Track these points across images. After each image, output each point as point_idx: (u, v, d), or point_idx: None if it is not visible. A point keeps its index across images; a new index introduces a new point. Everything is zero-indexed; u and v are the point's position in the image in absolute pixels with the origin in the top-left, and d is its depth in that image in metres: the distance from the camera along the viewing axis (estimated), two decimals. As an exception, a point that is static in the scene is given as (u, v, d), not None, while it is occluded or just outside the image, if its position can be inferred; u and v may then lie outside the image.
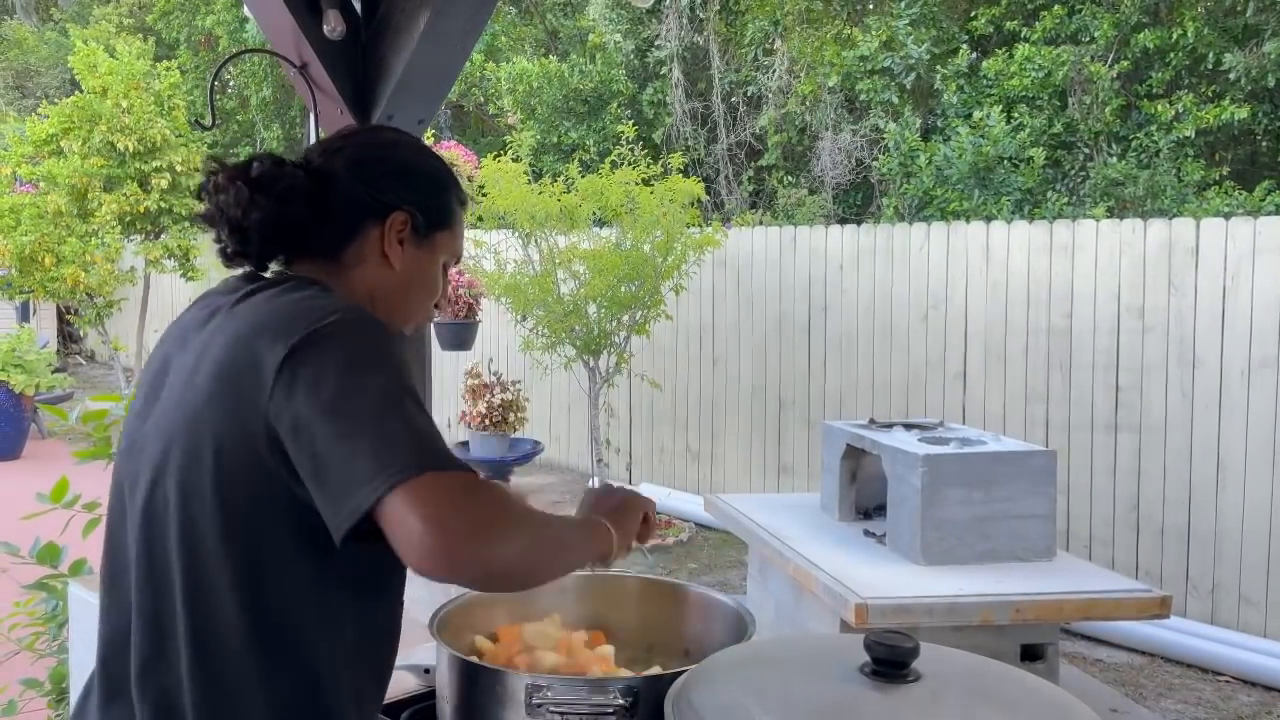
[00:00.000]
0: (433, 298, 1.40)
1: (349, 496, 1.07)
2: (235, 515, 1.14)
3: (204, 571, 1.15)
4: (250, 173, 1.27)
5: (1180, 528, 4.86)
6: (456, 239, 1.40)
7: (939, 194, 7.76)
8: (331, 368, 1.12)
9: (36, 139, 9.35)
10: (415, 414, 1.12)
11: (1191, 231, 4.88)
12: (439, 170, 1.39)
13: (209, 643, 1.15)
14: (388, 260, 1.31)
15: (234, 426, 1.14)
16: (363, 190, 1.30)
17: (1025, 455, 2.66)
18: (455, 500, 1.08)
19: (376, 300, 1.32)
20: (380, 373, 1.13)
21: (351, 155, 1.33)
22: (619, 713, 1.19)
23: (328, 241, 1.31)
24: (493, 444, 5.70)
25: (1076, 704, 0.99)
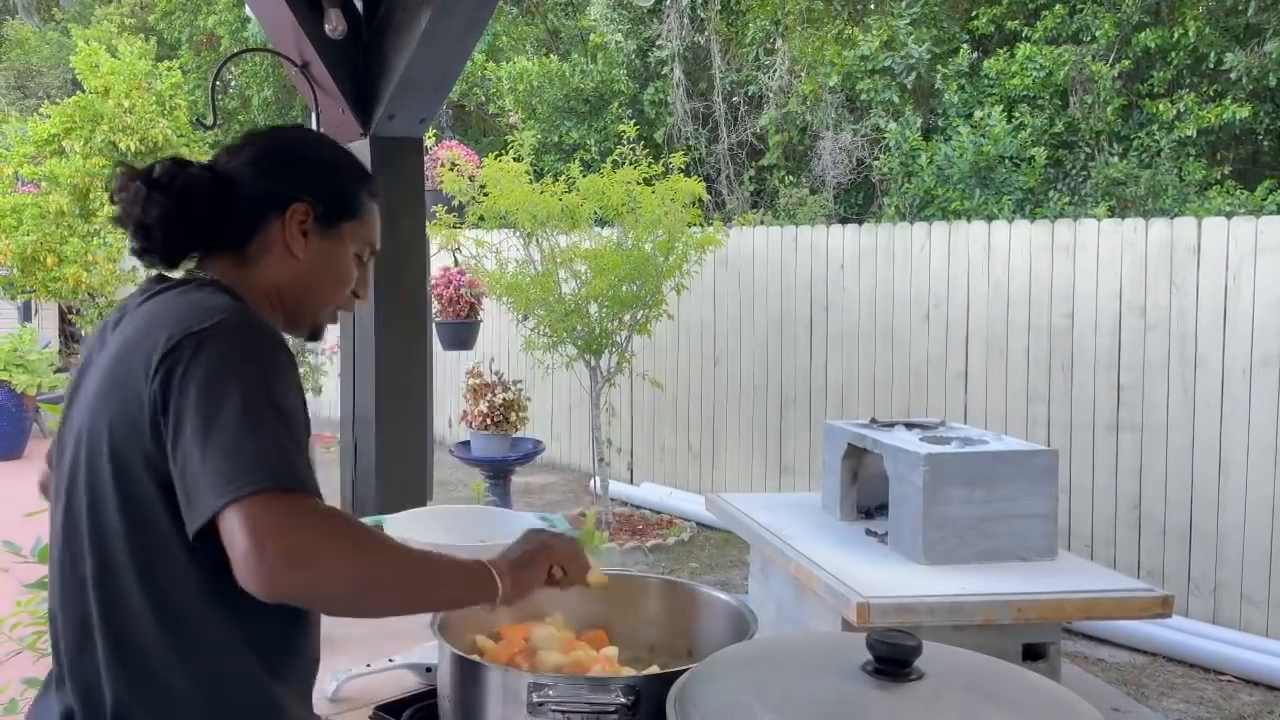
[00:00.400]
0: (344, 288, 1.42)
1: (197, 501, 1.13)
2: (132, 507, 1.21)
3: (112, 564, 1.22)
4: (151, 173, 1.33)
5: (1182, 527, 4.86)
6: (367, 229, 1.43)
7: (940, 193, 7.76)
8: (201, 371, 1.16)
9: (38, 139, 9.35)
10: (274, 427, 1.16)
11: (1193, 231, 4.88)
12: (341, 162, 1.43)
13: (121, 633, 1.21)
14: (290, 251, 1.35)
15: (124, 423, 1.20)
16: (262, 184, 1.35)
17: (1027, 454, 2.66)
18: (284, 525, 1.11)
19: (284, 292, 1.37)
20: (247, 381, 1.17)
21: (252, 152, 1.39)
22: (621, 712, 1.19)
23: (232, 237, 1.35)
24: (494, 443, 5.70)
25: (1080, 703, 0.99)
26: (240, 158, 1.38)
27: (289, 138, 1.45)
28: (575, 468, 8.03)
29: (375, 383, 2.63)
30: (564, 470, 8.09)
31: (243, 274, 1.35)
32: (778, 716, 0.97)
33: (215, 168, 1.37)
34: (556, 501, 7.28)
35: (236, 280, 1.34)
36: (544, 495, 7.45)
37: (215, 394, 1.15)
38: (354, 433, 2.70)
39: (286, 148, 1.41)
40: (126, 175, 1.35)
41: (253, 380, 1.17)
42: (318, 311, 1.42)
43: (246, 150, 1.39)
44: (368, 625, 1.87)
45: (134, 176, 1.34)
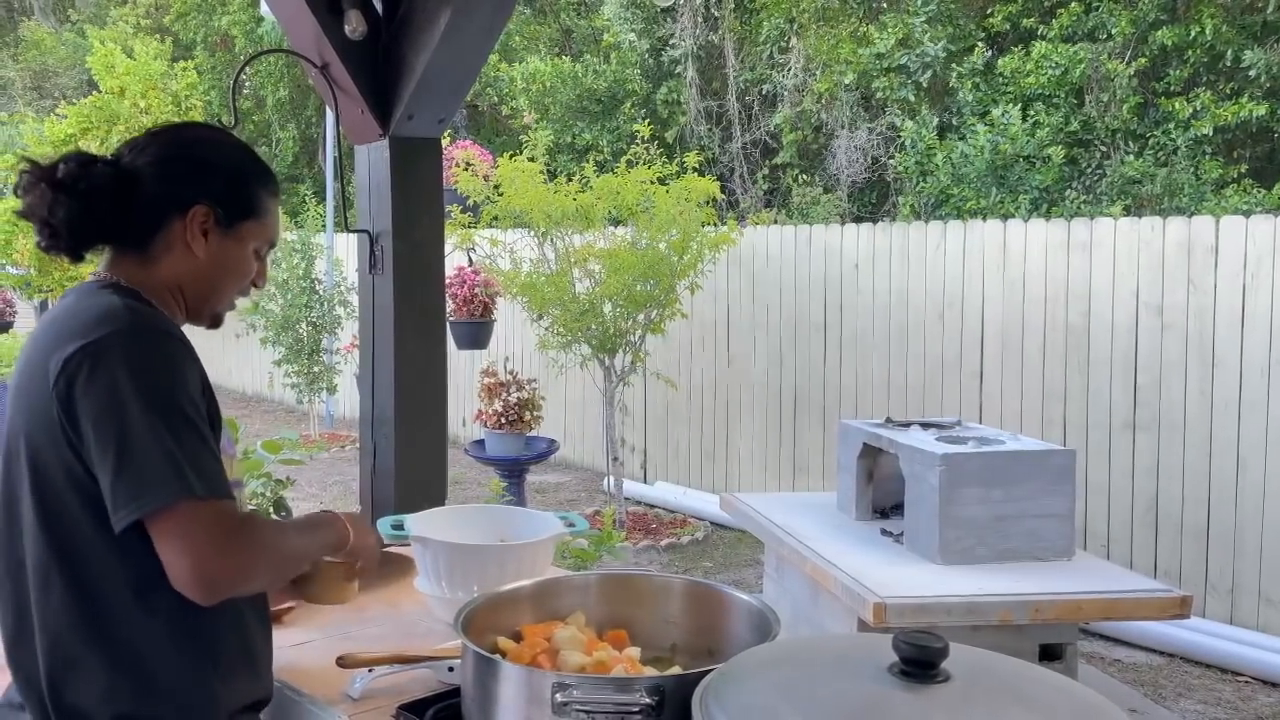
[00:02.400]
0: (242, 281, 1.50)
1: (118, 506, 1.22)
2: (50, 506, 1.28)
3: (39, 558, 1.29)
4: (56, 174, 1.37)
5: (1200, 527, 4.84)
6: (267, 227, 1.49)
7: (956, 192, 7.74)
8: (99, 385, 1.23)
9: (55, 139, 9.40)
10: (175, 435, 1.24)
11: (1210, 229, 4.85)
12: (241, 163, 1.48)
13: (52, 623, 1.29)
14: (191, 251, 1.41)
15: (37, 427, 1.28)
16: (164, 185, 1.40)
17: (1044, 454, 2.66)
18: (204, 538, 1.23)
19: (185, 288, 1.44)
20: (144, 393, 1.23)
21: (154, 153, 1.42)
22: (646, 712, 1.19)
23: (135, 236, 1.40)
24: (508, 442, 5.71)
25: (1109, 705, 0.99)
26: (144, 157, 1.42)
27: (193, 139, 1.50)
28: (589, 467, 8.04)
29: (394, 382, 2.64)
30: (578, 469, 8.10)
31: (146, 271, 1.40)
32: (804, 717, 0.97)
33: (119, 164, 1.41)
34: (571, 500, 7.30)
35: (139, 277, 1.40)
36: (558, 494, 7.46)
37: (116, 408, 1.22)
38: (373, 432, 2.71)
39: (189, 150, 1.45)
40: (32, 176, 1.39)
41: (149, 390, 1.24)
42: (217, 304, 1.49)
43: (150, 149, 1.42)
44: (390, 625, 1.88)
45: (39, 178, 1.38)
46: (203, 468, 1.25)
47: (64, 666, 1.29)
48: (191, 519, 1.23)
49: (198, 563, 1.22)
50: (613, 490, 6.51)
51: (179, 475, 1.22)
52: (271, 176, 1.52)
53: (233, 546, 1.25)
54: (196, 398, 1.29)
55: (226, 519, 1.26)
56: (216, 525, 1.24)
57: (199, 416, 1.28)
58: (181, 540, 1.22)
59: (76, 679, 1.28)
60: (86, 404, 1.23)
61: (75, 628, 1.28)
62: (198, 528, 1.23)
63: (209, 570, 1.23)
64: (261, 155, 1.48)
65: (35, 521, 1.29)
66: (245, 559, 1.27)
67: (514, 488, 5.72)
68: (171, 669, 1.31)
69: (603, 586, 1.61)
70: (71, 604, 1.28)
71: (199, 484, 1.23)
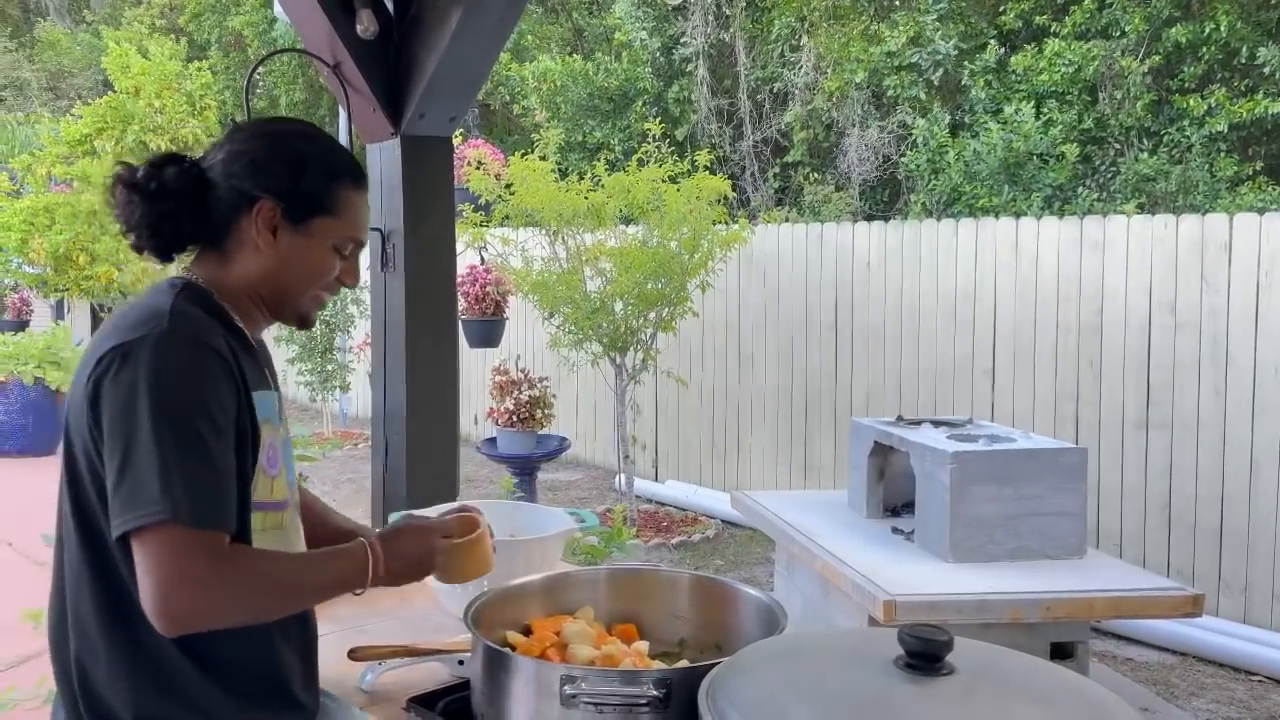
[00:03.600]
0: (322, 280, 1.44)
1: (114, 515, 1.21)
2: (80, 505, 1.29)
3: (74, 557, 1.30)
4: (135, 176, 1.37)
5: (1213, 526, 4.82)
6: (344, 224, 1.43)
7: (968, 190, 7.71)
8: (121, 389, 1.22)
9: (70, 139, 9.47)
10: (184, 449, 1.20)
11: (1224, 227, 4.83)
12: (312, 158, 1.41)
13: (84, 621, 1.29)
14: (260, 249, 1.38)
15: (75, 425, 1.28)
16: (231, 183, 1.38)
17: (1055, 452, 2.65)
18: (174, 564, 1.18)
19: (258, 287, 1.41)
20: (161, 404, 1.21)
21: (227, 150, 1.41)
22: (653, 704, 1.20)
23: (210, 234, 1.39)
24: (520, 440, 5.73)
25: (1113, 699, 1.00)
26: (218, 155, 1.41)
27: (262, 134, 1.45)
28: (600, 465, 8.05)
29: (406, 379, 2.65)
30: (589, 467, 8.12)
31: (223, 270, 1.39)
32: (810, 710, 0.98)
33: (198, 164, 1.40)
34: (582, 498, 7.31)
35: (217, 276, 1.39)
36: (569, 492, 7.48)
37: (129, 414, 1.21)
38: (384, 429, 2.73)
39: (256, 145, 1.41)
40: (116, 178, 1.39)
41: (165, 399, 1.21)
42: (297, 302, 1.45)
43: (224, 146, 1.42)
44: (401, 618, 1.90)
45: (121, 180, 1.38)
46: (198, 490, 1.20)
47: (91, 662, 1.29)
48: (167, 546, 1.18)
49: (161, 593, 1.18)
50: (624, 488, 6.52)
51: (167, 495, 1.17)
52: (352, 172, 1.45)
53: (205, 583, 1.19)
54: (219, 415, 1.25)
55: (205, 552, 1.20)
56: (191, 557, 1.19)
57: (212, 433, 1.23)
58: (152, 566, 1.18)
59: (102, 676, 1.28)
60: (106, 405, 1.23)
61: (102, 626, 1.28)
62: (171, 556, 1.18)
63: (171, 604, 1.18)
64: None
65: (71, 517, 1.30)
66: (216, 597, 1.21)
67: (525, 485, 5.74)
68: (191, 679, 1.29)
69: (612, 581, 1.62)
70: (99, 602, 1.28)
71: (187, 508, 1.18)
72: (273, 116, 1.67)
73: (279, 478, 1.40)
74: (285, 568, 1.33)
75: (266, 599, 1.29)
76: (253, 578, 1.26)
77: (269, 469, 1.37)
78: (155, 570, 1.18)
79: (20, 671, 3.26)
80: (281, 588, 1.30)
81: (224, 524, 1.23)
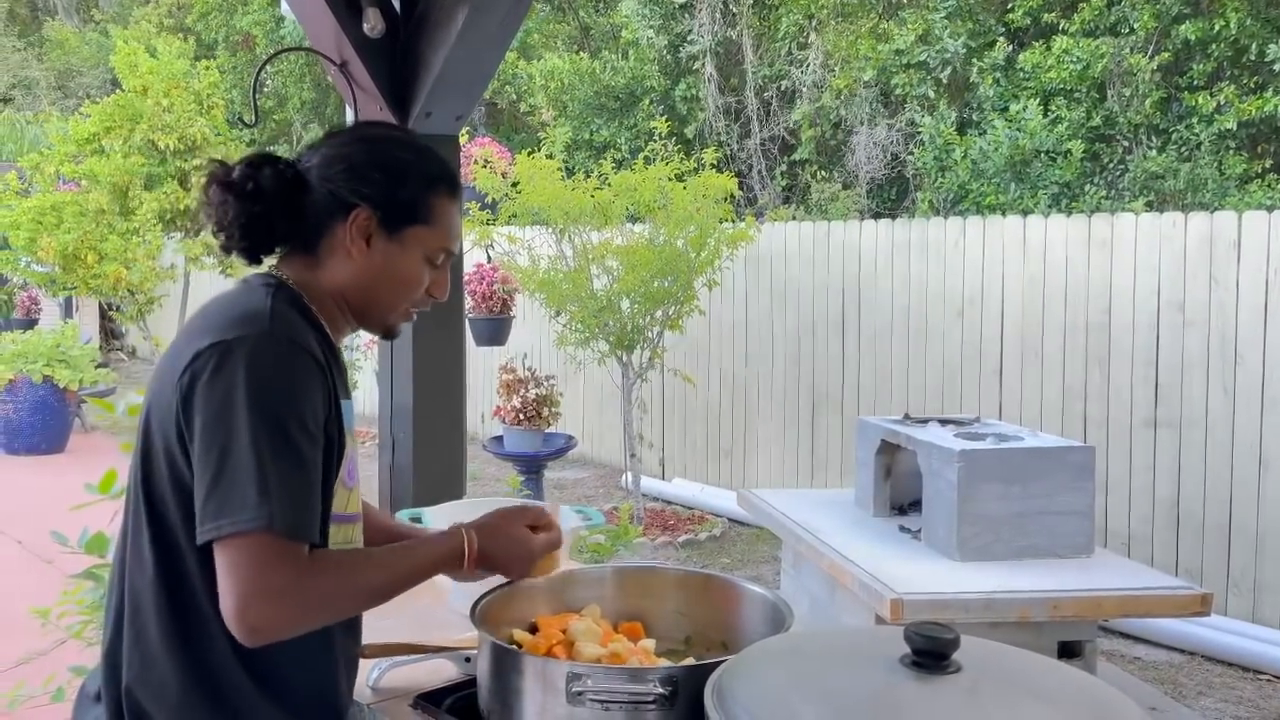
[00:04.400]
0: (412, 291, 1.42)
1: (204, 519, 1.18)
2: (153, 503, 1.26)
3: (139, 556, 1.27)
4: (230, 175, 1.36)
5: (1222, 525, 4.80)
6: (438, 234, 1.41)
7: (975, 188, 7.70)
8: (219, 389, 1.20)
9: (79, 138, 9.50)
10: (278, 462, 1.18)
11: (1233, 225, 4.81)
12: (408, 166, 1.39)
13: (140, 621, 1.27)
14: (353, 256, 1.36)
15: (159, 419, 1.26)
16: (327, 188, 1.36)
17: (1063, 451, 2.65)
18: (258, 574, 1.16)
19: (348, 294, 1.39)
20: (260, 408, 1.19)
21: (324, 154, 1.39)
22: (659, 702, 1.20)
23: (303, 238, 1.37)
24: (527, 439, 5.74)
25: (1119, 697, 0.99)
26: (314, 158, 1.39)
27: (360, 139, 1.42)
28: (607, 463, 8.06)
29: (412, 377, 2.66)
30: (596, 465, 8.12)
31: (313, 274, 1.37)
32: (815, 707, 0.98)
33: (296, 166, 1.38)
34: (589, 496, 7.31)
35: (305, 279, 1.36)
36: (576, 490, 7.48)
37: (227, 417, 1.18)
38: (391, 427, 2.73)
39: (354, 151, 1.39)
40: (210, 177, 1.38)
41: (266, 407, 1.19)
42: (386, 313, 1.42)
43: (321, 150, 1.39)
44: (408, 616, 1.90)
45: (215, 178, 1.37)
46: (294, 500, 1.18)
47: (143, 666, 1.26)
48: (255, 555, 1.16)
49: (243, 604, 1.16)
50: (630, 486, 6.52)
51: (264, 503, 1.15)
52: (447, 180, 1.42)
53: (287, 596, 1.18)
54: (312, 422, 1.23)
55: (290, 564, 1.18)
56: (278, 569, 1.17)
57: (308, 441, 1.22)
58: (238, 574, 1.17)
59: (153, 681, 1.25)
60: (201, 404, 1.20)
61: (160, 632, 1.25)
62: (258, 567, 1.16)
63: (250, 615, 1.17)
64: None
65: (141, 514, 1.27)
66: (296, 610, 1.20)
67: (532, 483, 5.75)
68: (242, 694, 1.27)
69: (618, 579, 1.62)
70: (159, 605, 1.25)
71: (282, 518, 1.16)
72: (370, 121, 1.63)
73: (354, 490, 1.39)
74: (369, 569, 1.31)
75: (346, 603, 1.30)
76: (336, 583, 1.25)
77: (348, 480, 1.35)
78: (240, 579, 1.16)
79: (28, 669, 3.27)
80: (367, 590, 1.30)
81: (311, 535, 1.22)
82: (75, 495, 2.78)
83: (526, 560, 1.41)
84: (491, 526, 1.40)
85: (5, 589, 5.05)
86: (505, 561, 1.40)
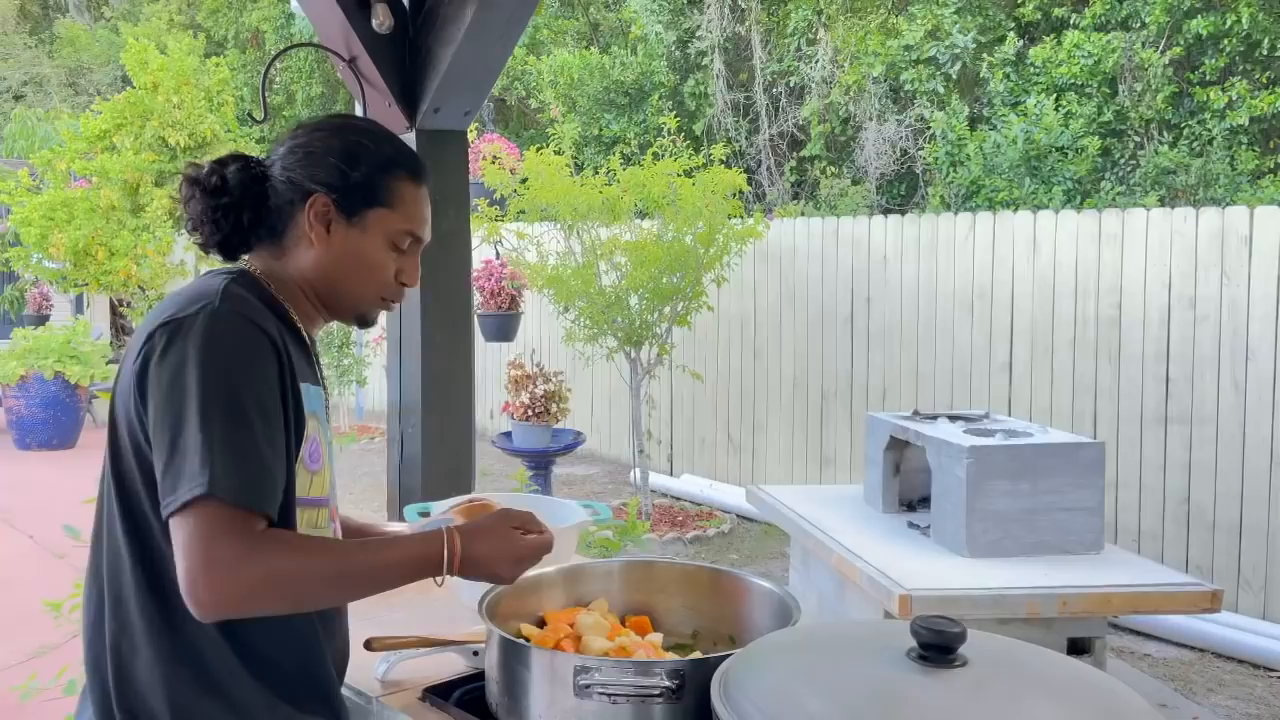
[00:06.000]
0: (378, 276, 1.41)
1: (164, 494, 1.18)
2: (125, 487, 1.28)
3: (116, 543, 1.28)
4: (198, 173, 1.38)
5: (1233, 522, 4.78)
6: (401, 217, 1.40)
7: (988, 183, 7.67)
8: (169, 365, 1.21)
9: (90, 135, 9.54)
10: (230, 427, 1.18)
11: (1245, 220, 4.78)
12: (360, 149, 1.39)
13: (122, 609, 1.27)
14: (313, 243, 1.38)
15: (122, 405, 1.28)
16: (285, 177, 1.38)
17: (1073, 447, 2.64)
18: (206, 543, 1.14)
19: (314, 282, 1.40)
20: (208, 381, 1.19)
21: (287, 146, 1.41)
22: (666, 695, 1.20)
23: (269, 229, 1.39)
24: (535, 434, 5.74)
25: (1126, 691, 0.99)
26: (277, 151, 1.41)
27: (319, 128, 1.43)
28: (615, 459, 8.06)
29: (421, 372, 2.66)
30: (604, 461, 8.13)
31: (280, 264, 1.39)
32: (822, 701, 0.97)
33: (262, 162, 1.41)
34: (597, 492, 7.32)
35: (273, 269, 1.39)
36: (584, 486, 7.49)
37: (177, 391, 1.19)
38: (400, 423, 2.73)
39: (310, 139, 1.40)
40: (183, 178, 1.40)
41: (213, 377, 1.19)
42: (355, 300, 1.42)
43: (284, 143, 1.42)
44: (416, 609, 1.90)
45: (186, 177, 1.40)
46: (238, 467, 1.17)
47: (129, 650, 1.27)
48: (200, 524, 1.14)
49: (191, 576, 1.14)
50: (639, 482, 6.52)
51: (205, 469, 1.14)
52: (406, 163, 1.41)
53: (233, 566, 1.14)
54: (268, 397, 1.23)
55: (238, 533, 1.15)
56: (223, 538, 1.14)
57: (261, 416, 1.21)
58: (185, 545, 1.14)
59: (140, 664, 1.26)
60: (154, 383, 1.21)
61: (142, 612, 1.26)
62: (203, 536, 1.14)
63: (200, 587, 1.14)
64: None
65: (114, 503, 1.29)
66: (245, 581, 1.15)
67: (540, 479, 5.75)
68: (227, 671, 1.27)
69: (626, 573, 1.62)
70: (140, 588, 1.26)
71: (224, 483, 1.14)
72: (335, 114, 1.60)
73: (320, 474, 1.37)
74: (330, 554, 1.25)
75: (302, 588, 1.21)
76: (289, 562, 1.19)
77: (310, 463, 1.34)
78: (187, 550, 1.14)
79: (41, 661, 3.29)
80: (324, 575, 1.23)
81: (263, 505, 1.19)
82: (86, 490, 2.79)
83: (516, 563, 1.34)
84: (478, 529, 1.34)
85: (18, 583, 5.08)
86: (493, 565, 1.33)
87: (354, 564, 1.26)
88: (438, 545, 1.29)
